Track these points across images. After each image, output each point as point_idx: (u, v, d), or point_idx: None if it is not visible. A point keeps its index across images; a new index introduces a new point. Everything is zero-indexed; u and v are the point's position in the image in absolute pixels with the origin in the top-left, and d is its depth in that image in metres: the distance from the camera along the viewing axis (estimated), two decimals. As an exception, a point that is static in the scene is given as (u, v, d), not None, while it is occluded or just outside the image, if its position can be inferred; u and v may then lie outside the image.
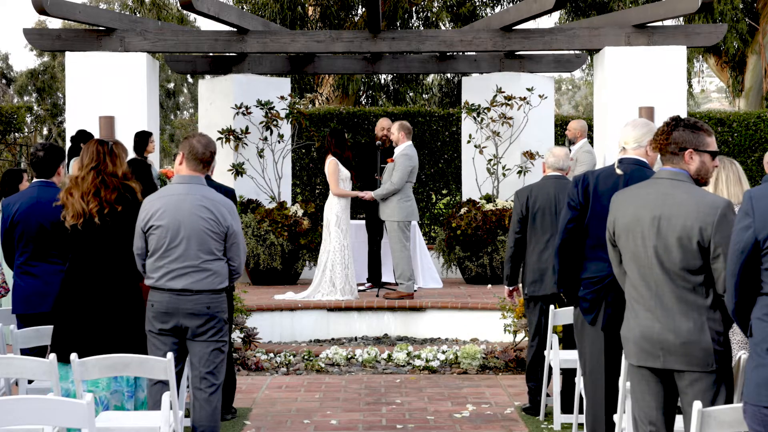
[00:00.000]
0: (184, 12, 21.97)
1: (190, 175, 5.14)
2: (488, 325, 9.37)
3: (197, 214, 4.99)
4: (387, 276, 10.86)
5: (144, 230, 5.04)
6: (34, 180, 5.98)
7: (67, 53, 10.84)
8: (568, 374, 6.35)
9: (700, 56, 22.13)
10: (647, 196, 3.96)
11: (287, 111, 11.64)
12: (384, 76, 21.31)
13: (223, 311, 5.04)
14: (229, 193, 6.60)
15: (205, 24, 50.17)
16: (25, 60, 77.21)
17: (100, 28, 10.82)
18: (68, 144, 10.03)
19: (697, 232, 3.78)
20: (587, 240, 4.97)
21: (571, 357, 6.15)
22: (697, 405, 3.56)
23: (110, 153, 5.32)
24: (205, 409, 5.02)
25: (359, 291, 10.22)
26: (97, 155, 5.26)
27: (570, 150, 10.25)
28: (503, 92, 11.50)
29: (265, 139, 11.49)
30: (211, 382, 5.03)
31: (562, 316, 6.25)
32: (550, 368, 6.33)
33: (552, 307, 6.28)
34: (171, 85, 35.66)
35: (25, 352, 5.38)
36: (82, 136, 9.84)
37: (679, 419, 4.11)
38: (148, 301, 5.06)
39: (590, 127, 12.76)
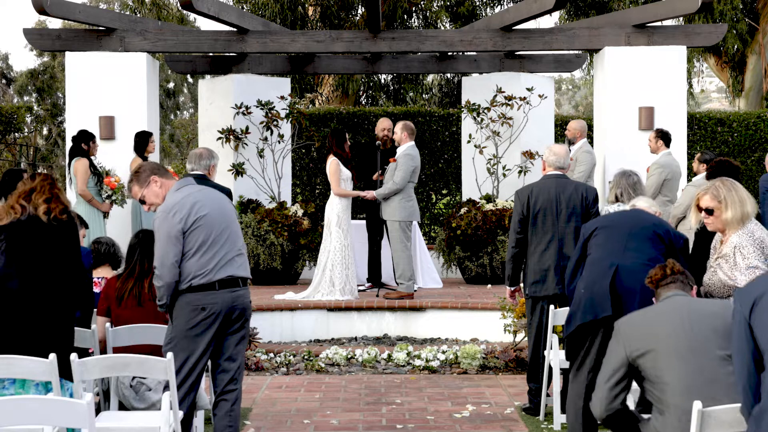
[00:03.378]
0: (184, 12, 21.96)
1: (185, 179, 5.30)
2: (488, 325, 9.37)
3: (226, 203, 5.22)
4: (387, 277, 10.85)
5: (185, 229, 4.98)
6: None
7: (67, 53, 10.84)
8: (568, 374, 6.34)
9: (700, 56, 22.12)
10: (673, 312, 4.00)
11: (287, 111, 11.64)
12: (384, 76, 21.31)
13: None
14: (226, 192, 6.61)
15: (205, 24, 50.16)
16: (25, 60, 77.16)
17: (100, 28, 10.83)
18: (70, 142, 10.02)
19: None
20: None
21: (571, 357, 6.16)
22: (697, 405, 3.56)
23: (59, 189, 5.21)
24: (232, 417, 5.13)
25: (359, 291, 10.22)
26: (52, 179, 5.21)
27: (570, 150, 10.26)
28: (503, 92, 11.50)
29: (265, 139, 11.49)
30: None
31: (562, 316, 6.24)
32: (550, 368, 6.33)
33: (552, 307, 6.28)
34: (171, 85, 35.63)
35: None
36: (83, 136, 9.85)
37: None
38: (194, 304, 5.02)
39: (590, 127, 12.76)
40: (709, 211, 5.15)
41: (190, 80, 34.56)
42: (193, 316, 4.96)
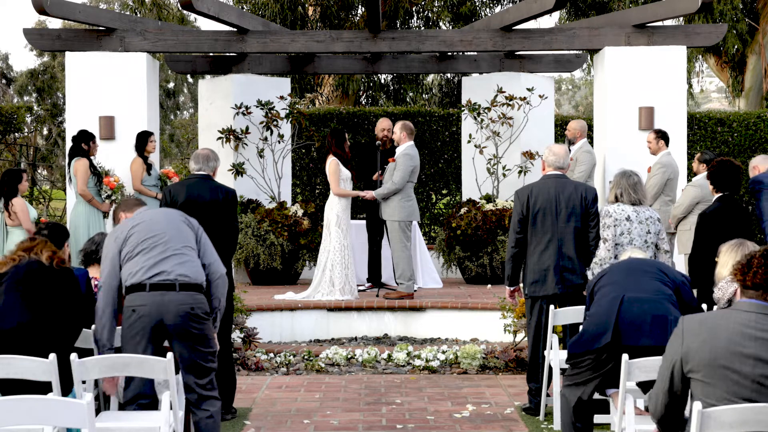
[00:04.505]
0: (185, 12, 21.95)
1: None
2: (488, 325, 9.38)
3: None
4: (387, 277, 10.85)
5: (120, 247, 5.05)
6: None
7: (67, 53, 10.83)
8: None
9: (700, 56, 22.11)
10: (743, 329, 3.58)
11: (287, 111, 11.64)
12: (384, 76, 21.30)
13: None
14: (229, 193, 6.62)
15: (205, 24, 50.18)
16: (25, 60, 77.29)
17: (100, 28, 10.82)
18: (70, 142, 10.02)
19: None
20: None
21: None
22: (697, 405, 3.56)
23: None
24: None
25: (359, 291, 10.22)
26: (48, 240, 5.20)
27: (570, 150, 10.26)
28: (504, 92, 11.50)
29: (265, 139, 11.49)
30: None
31: (562, 316, 6.25)
32: (550, 368, 6.33)
33: (552, 307, 6.28)
34: (171, 85, 35.62)
35: None
36: (84, 136, 9.84)
37: None
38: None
39: (590, 127, 12.76)
40: None
41: (190, 80, 34.56)
42: (127, 317, 4.96)
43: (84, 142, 9.80)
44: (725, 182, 6.95)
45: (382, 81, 21.70)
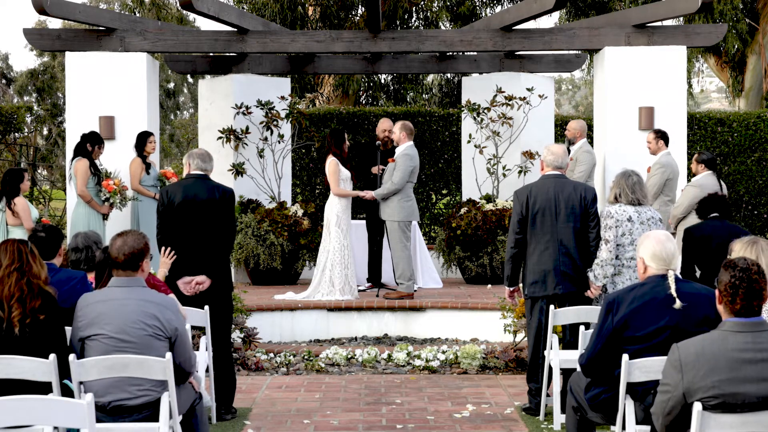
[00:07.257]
0: (184, 12, 21.95)
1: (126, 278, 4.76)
2: (488, 325, 9.38)
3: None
4: (387, 277, 10.85)
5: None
6: None
7: (67, 53, 10.84)
8: (568, 374, 6.35)
9: (700, 56, 22.13)
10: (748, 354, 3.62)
11: (287, 111, 11.64)
12: (384, 76, 21.31)
13: None
14: (227, 192, 6.61)
15: (205, 24, 50.22)
16: (25, 60, 77.37)
17: (100, 28, 10.82)
18: (71, 142, 10.01)
19: None
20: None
21: (571, 357, 6.16)
22: (697, 406, 3.56)
23: (32, 253, 4.66)
24: None
25: (359, 291, 10.22)
26: (19, 255, 4.59)
27: (570, 150, 10.26)
28: (503, 92, 11.50)
29: (265, 139, 11.49)
30: None
31: (562, 316, 6.26)
32: (550, 368, 6.33)
33: (552, 307, 6.28)
34: (171, 85, 35.63)
35: None
36: (92, 138, 9.83)
37: None
38: None
39: (590, 127, 12.76)
40: None
41: (190, 80, 34.58)
42: None
43: (90, 143, 9.80)
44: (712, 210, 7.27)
45: (382, 81, 21.71)
